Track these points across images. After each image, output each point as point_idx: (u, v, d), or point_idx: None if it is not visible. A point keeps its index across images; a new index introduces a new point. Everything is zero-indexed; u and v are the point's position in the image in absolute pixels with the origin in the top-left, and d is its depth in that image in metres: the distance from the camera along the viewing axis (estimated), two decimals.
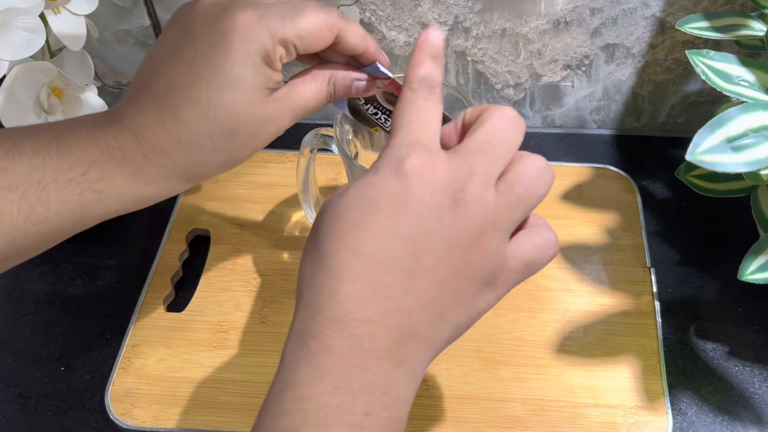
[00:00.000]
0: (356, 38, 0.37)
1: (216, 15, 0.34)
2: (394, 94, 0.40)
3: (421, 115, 0.32)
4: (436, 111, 0.33)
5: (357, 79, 0.38)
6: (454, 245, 0.30)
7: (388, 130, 0.43)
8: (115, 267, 0.57)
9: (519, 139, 0.33)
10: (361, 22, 0.59)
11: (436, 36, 0.34)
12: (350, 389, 0.28)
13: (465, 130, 0.34)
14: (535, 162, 0.32)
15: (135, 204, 0.35)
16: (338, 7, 0.58)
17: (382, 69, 0.38)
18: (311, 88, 0.37)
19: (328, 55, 0.38)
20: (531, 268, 0.33)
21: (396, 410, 0.29)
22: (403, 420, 0.30)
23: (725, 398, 0.48)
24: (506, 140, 0.32)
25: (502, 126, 0.32)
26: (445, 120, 0.41)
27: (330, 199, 0.32)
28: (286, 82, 0.37)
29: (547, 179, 0.32)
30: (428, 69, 0.33)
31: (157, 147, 0.34)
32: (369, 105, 0.41)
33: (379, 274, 0.29)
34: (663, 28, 0.58)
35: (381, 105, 0.41)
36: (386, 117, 0.42)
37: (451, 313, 0.31)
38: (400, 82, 0.38)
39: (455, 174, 0.30)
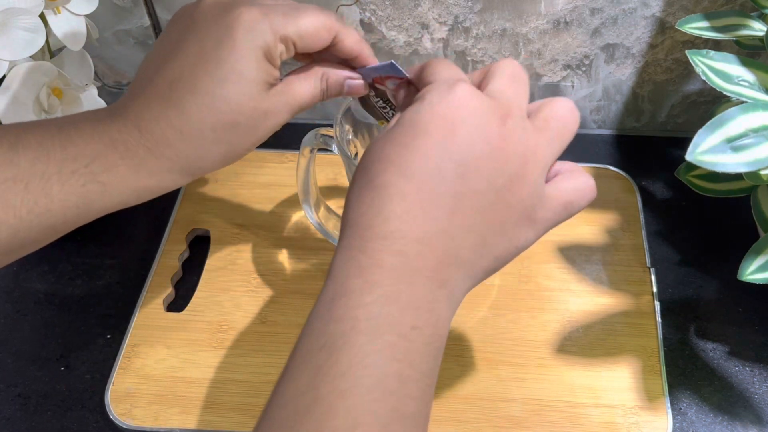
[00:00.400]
0: (352, 41, 0.38)
1: (220, 11, 0.35)
2: None
3: (448, 64, 0.34)
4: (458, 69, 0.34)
5: (349, 77, 0.39)
6: (500, 170, 0.31)
7: (388, 118, 0.43)
8: (115, 267, 0.57)
9: (528, 85, 0.34)
10: (361, 22, 0.59)
11: None
12: (399, 302, 0.29)
13: None
14: (565, 102, 0.34)
15: (137, 197, 0.35)
16: (338, 7, 0.58)
17: (399, 68, 0.38)
18: (306, 85, 0.38)
19: (323, 59, 0.39)
20: (569, 210, 0.34)
21: (438, 328, 0.30)
22: (443, 340, 0.31)
23: (725, 398, 0.48)
24: (524, 82, 0.34)
25: (515, 72, 0.34)
26: None
27: (378, 136, 0.32)
28: (281, 79, 0.38)
29: (576, 116, 0.34)
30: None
31: (160, 139, 0.34)
32: (379, 98, 0.41)
33: (427, 193, 0.30)
34: (663, 28, 0.58)
35: (390, 101, 0.41)
36: (394, 111, 0.42)
37: (493, 240, 0.32)
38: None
39: (499, 103, 0.32)
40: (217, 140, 0.35)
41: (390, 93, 0.40)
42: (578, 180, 0.34)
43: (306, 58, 0.40)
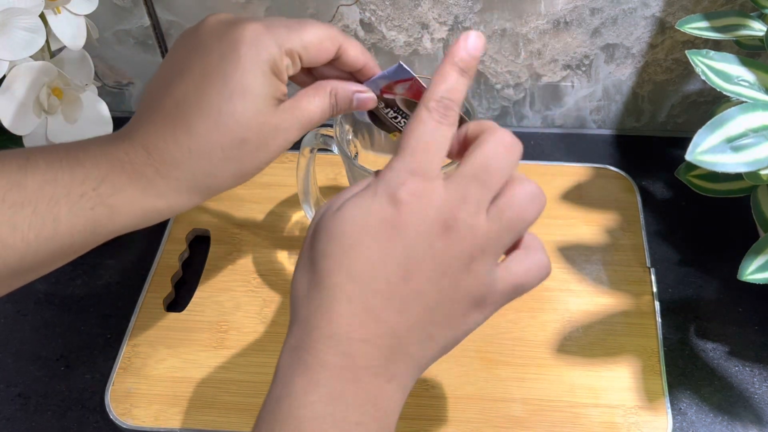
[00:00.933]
0: (356, 52, 0.38)
1: (224, 28, 0.35)
2: (413, 100, 0.40)
3: (429, 140, 0.32)
4: (447, 134, 0.32)
5: (357, 91, 0.39)
6: (444, 271, 0.31)
7: (400, 127, 0.43)
8: (115, 267, 0.57)
9: (514, 165, 0.33)
10: (361, 22, 0.59)
11: (474, 43, 0.33)
12: (343, 400, 0.29)
13: (467, 143, 0.34)
14: (527, 187, 0.32)
15: (146, 219, 0.35)
16: (338, 7, 0.58)
17: (407, 68, 0.38)
18: (315, 101, 0.37)
19: (328, 74, 0.39)
20: (519, 291, 0.34)
21: (385, 422, 0.30)
22: (391, 428, 0.31)
23: (725, 398, 0.48)
24: (500, 167, 0.32)
25: (498, 152, 0.32)
26: (461, 121, 0.41)
27: (324, 213, 0.32)
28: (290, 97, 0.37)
29: (537, 205, 0.33)
30: (452, 84, 0.33)
31: (167, 159, 0.34)
32: (389, 109, 0.41)
33: (372, 296, 0.30)
34: (663, 28, 0.58)
35: (401, 109, 0.41)
36: (406, 121, 0.42)
37: (440, 333, 0.32)
38: (424, 84, 0.38)
39: (448, 202, 0.31)
40: (226, 158, 0.35)
41: (400, 99, 0.40)
42: (530, 261, 0.33)
43: (310, 76, 0.39)
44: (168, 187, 0.34)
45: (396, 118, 0.42)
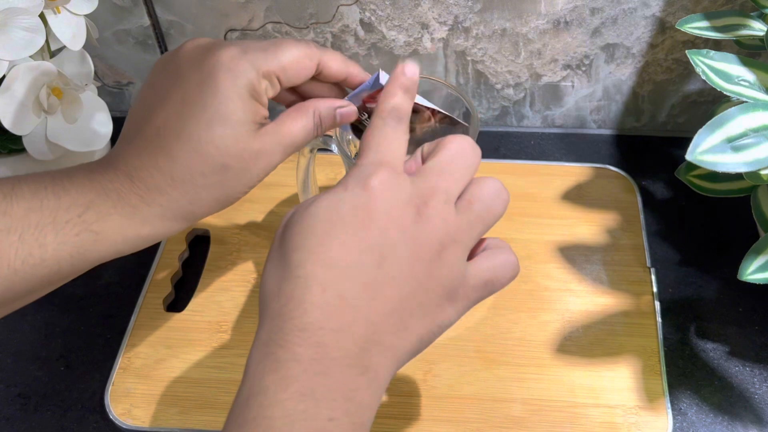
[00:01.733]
0: (337, 64, 0.38)
1: (201, 55, 0.35)
2: None
3: (389, 140, 0.34)
4: (403, 139, 0.34)
5: (339, 106, 0.39)
6: (417, 256, 0.31)
7: None
8: (115, 267, 0.57)
9: (476, 163, 0.34)
10: (361, 21, 0.59)
11: (411, 69, 0.36)
12: (314, 396, 0.29)
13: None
14: (492, 183, 0.34)
15: (133, 246, 0.35)
16: (338, 7, 0.58)
17: (385, 76, 0.38)
18: (298, 123, 0.37)
19: (312, 89, 0.39)
20: (490, 288, 0.34)
21: (359, 416, 0.30)
22: (366, 426, 0.31)
23: (725, 398, 0.48)
24: (465, 163, 0.34)
25: (461, 150, 0.34)
26: (454, 123, 0.41)
27: (294, 212, 0.32)
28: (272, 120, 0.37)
29: (503, 199, 0.34)
30: (399, 100, 0.35)
31: (151, 186, 0.34)
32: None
33: (346, 283, 0.30)
34: (663, 27, 0.58)
35: None
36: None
37: (414, 323, 0.32)
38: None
39: (419, 191, 0.32)
40: (208, 185, 0.35)
41: None
42: (498, 259, 0.34)
43: (294, 94, 0.40)
44: (152, 214, 0.35)
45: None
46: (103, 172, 0.35)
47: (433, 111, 0.42)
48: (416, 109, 0.41)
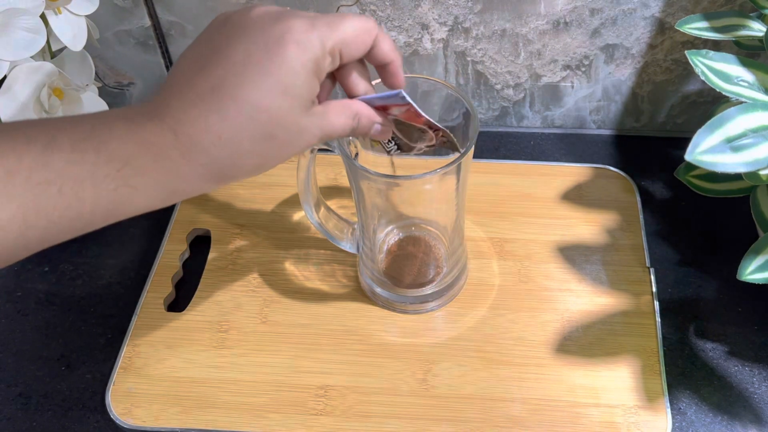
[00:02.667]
0: (389, 47, 0.38)
1: (271, 21, 0.35)
2: (407, 122, 0.41)
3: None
4: None
5: (379, 122, 0.40)
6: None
7: (389, 151, 0.44)
8: (116, 267, 0.57)
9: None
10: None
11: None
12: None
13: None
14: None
15: (165, 200, 0.35)
16: (338, 8, 0.58)
17: (406, 97, 0.38)
18: (341, 117, 0.38)
19: (350, 72, 0.39)
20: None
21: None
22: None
23: (724, 398, 0.48)
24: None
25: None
26: (434, 128, 0.41)
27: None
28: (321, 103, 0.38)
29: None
30: None
31: (195, 143, 0.34)
32: None
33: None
34: (662, 28, 0.58)
35: (393, 133, 0.42)
36: (389, 141, 0.43)
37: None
38: (420, 111, 0.39)
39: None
40: (251, 151, 0.35)
41: (392, 119, 0.41)
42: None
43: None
44: (191, 172, 0.34)
45: (389, 142, 0.42)
46: (146, 123, 0.34)
47: (436, 129, 0.42)
48: (423, 128, 0.41)
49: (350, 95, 0.39)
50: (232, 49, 0.34)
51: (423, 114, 0.40)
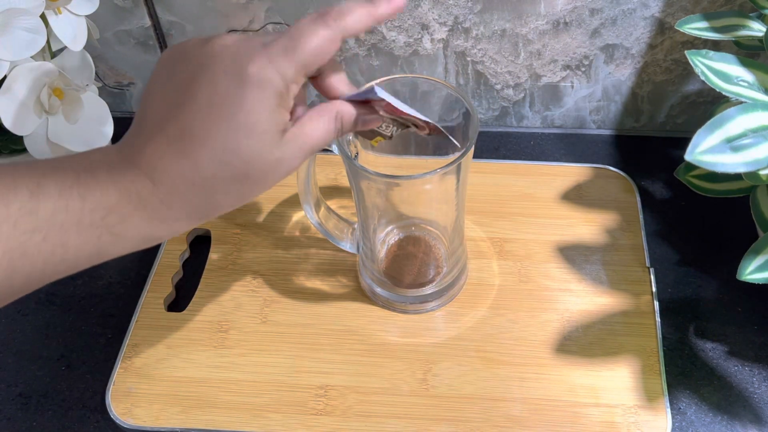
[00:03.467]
0: (361, 17, 0.37)
1: (228, 60, 0.35)
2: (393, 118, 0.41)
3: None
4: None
5: (362, 113, 0.39)
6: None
7: (388, 135, 0.43)
8: (116, 267, 0.57)
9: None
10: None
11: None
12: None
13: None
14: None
15: (146, 243, 0.36)
16: None
17: (380, 91, 0.37)
18: (319, 126, 0.37)
19: (324, 79, 0.39)
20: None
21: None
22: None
23: (724, 398, 0.48)
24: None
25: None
26: (436, 131, 0.41)
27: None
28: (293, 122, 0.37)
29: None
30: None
31: (172, 190, 0.34)
32: None
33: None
34: (662, 28, 0.58)
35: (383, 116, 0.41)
36: (387, 125, 0.42)
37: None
38: (397, 105, 0.38)
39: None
40: (227, 191, 0.35)
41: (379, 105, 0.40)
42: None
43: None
44: (170, 216, 0.35)
45: (381, 126, 0.42)
46: (125, 172, 0.34)
47: (426, 124, 0.41)
48: (414, 123, 0.41)
49: (330, 99, 0.39)
50: (197, 90, 0.34)
51: (404, 109, 0.39)
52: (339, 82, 0.39)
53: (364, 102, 0.39)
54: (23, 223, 0.32)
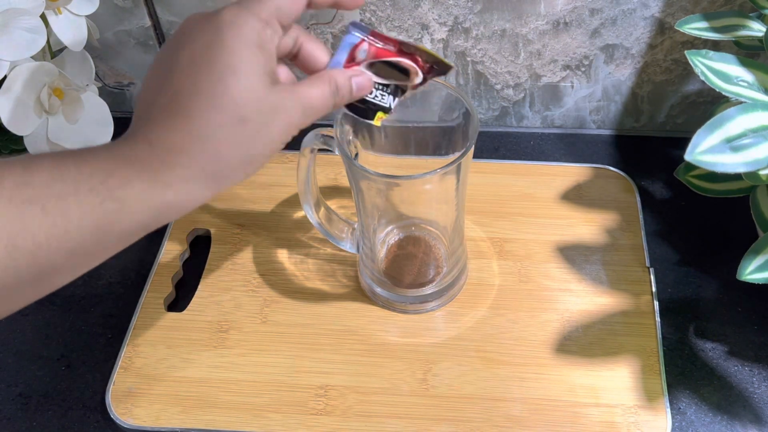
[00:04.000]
0: None
1: (204, 20, 0.36)
2: (381, 61, 0.41)
3: None
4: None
5: (354, 75, 0.40)
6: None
7: (387, 105, 0.42)
8: (116, 267, 0.57)
9: None
10: (361, 22, 0.59)
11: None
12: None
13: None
14: None
15: (157, 215, 0.34)
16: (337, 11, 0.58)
17: (356, 28, 0.39)
18: (315, 88, 0.38)
19: (307, 52, 0.40)
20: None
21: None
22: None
23: (724, 398, 0.48)
24: None
25: None
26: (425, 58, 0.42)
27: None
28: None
29: None
30: None
31: (170, 146, 0.34)
32: None
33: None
34: (662, 28, 0.58)
35: (379, 83, 0.41)
36: (382, 93, 0.41)
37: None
38: (376, 43, 0.40)
39: None
40: (228, 140, 0.34)
41: (367, 66, 0.41)
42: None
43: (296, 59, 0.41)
44: (175, 176, 0.34)
45: (371, 92, 0.41)
46: (123, 144, 0.34)
47: (417, 64, 0.41)
48: (400, 62, 0.41)
49: (316, 70, 0.40)
50: (179, 57, 0.35)
51: (388, 36, 0.40)
52: (319, 50, 0.40)
53: (351, 65, 0.40)
54: (18, 195, 0.31)
